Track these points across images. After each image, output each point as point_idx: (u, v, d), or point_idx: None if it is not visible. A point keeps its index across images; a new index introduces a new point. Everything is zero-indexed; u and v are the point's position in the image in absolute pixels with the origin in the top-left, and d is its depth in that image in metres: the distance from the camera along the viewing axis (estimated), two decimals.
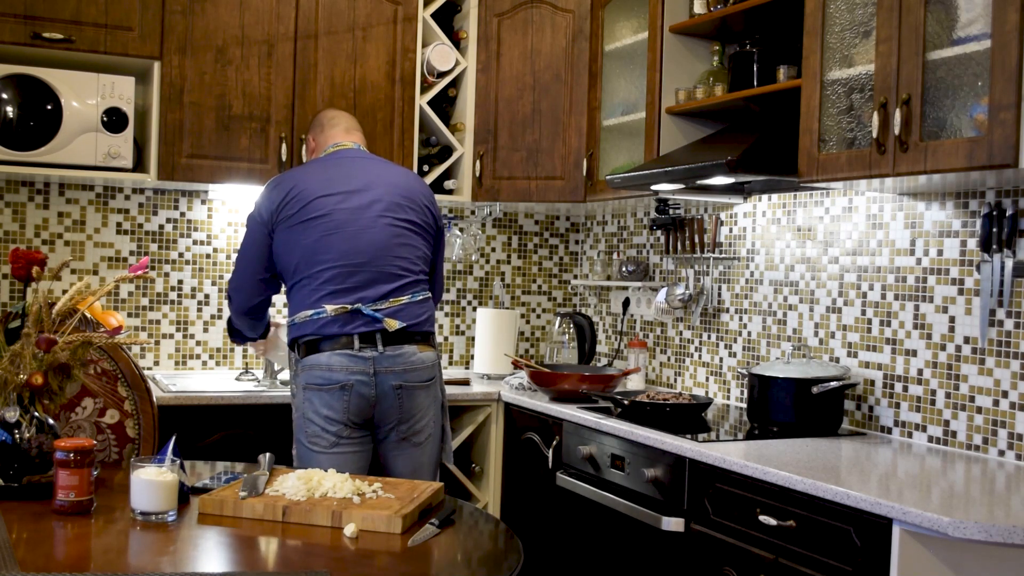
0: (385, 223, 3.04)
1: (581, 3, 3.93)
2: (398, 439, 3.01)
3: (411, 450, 3.03)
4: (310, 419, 2.94)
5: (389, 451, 3.02)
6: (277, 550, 1.93)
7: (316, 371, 2.93)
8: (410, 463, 3.03)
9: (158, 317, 3.97)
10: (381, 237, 3.01)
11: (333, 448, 2.93)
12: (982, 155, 2.30)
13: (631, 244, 4.24)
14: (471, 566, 1.98)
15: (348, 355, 2.92)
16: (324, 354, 2.93)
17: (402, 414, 2.98)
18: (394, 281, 3.00)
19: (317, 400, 2.93)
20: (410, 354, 2.98)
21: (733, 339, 3.65)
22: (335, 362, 2.91)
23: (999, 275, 2.65)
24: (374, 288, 2.97)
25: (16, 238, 3.78)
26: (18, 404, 2.16)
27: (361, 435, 2.99)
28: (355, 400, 2.92)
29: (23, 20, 3.39)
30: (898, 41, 2.52)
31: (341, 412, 2.92)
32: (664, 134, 3.48)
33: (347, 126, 3.29)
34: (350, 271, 2.96)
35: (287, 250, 3.01)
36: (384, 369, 2.93)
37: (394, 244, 3.03)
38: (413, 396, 2.99)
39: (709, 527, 2.67)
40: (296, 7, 3.75)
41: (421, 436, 3.04)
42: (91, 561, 1.85)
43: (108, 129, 3.45)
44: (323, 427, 2.93)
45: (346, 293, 2.95)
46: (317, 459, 2.91)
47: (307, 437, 2.95)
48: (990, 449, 2.72)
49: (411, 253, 3.06)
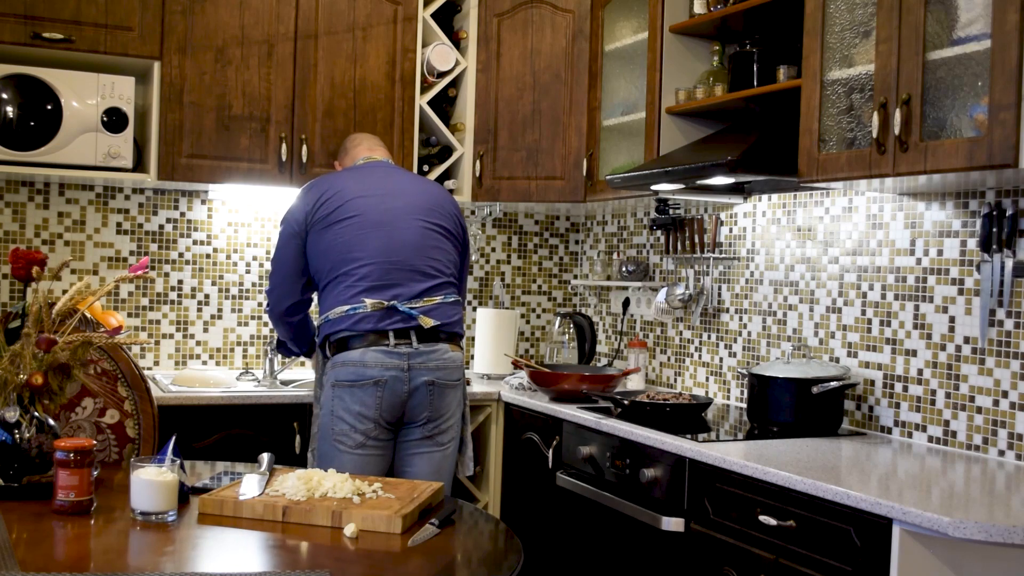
0: (419, 224, 3.08)
1: (581, 3, 3.93)
2: (422, 436, 3.02)
3: (434, 451, 3.04)
4: (340, 417, 2.95)
5: (410, 452, 3.03)
6: (277, 550, 1.93)
7: (349, 367, 2.95)
8: (430, 466, 3.03)
9: (158, 317, 3.97)
10: (415, 237, 3.05)
11: (358, 449, 2.94)
12: (982, 155, 2.30)
13: (631, 244, 4.24)
14: (471, 566, 1.98)
15: (383, 351, 2.94)
16: (357, 351, 2.95)
17: (432, 411, 3.00)
18: (428, 280, 3.03)
19: (349, 397, 2.94)
20: (443, 352, 3.02)
21: (733, 339, 3.65)
22: (369, 358, 2.93)
23: (999, 275, 2.65)
24: (409, 286, 3.00)
25: (16, 238, 3.78)
26: (18, 404, 2.16)
27: (387, 437, 3.00)
28: (388, 396, 2.94)
29: (23, 20, 3.39)
30: (898, 41, 2.52)
31: (374, 408, 2.94)
32: (664, 134, 3.48)
33: (371, 144, 3.40)
34: (386, 268, 2.99)
35: (322, 249, 3.04)
36: (418, 365, 2.96)
37: (427, 245, 3.07)
38: (444, 394, 3.02)
39: (709, 527, 2.67)
40: (296, 7, 3.75)
41: (446, 437, 3.06)
42: (91, 561, 1.85)
43: (108, 129, 3.46)
44: (353, 425, 2.94)
45: (382, 289, 2.98)
46: (340, 459, 2.91)
47: (333, 435, 2.95)
48: (990, 449, 2.72)
49: (443, 256, 3.11)
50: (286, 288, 3.14)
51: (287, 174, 3.72)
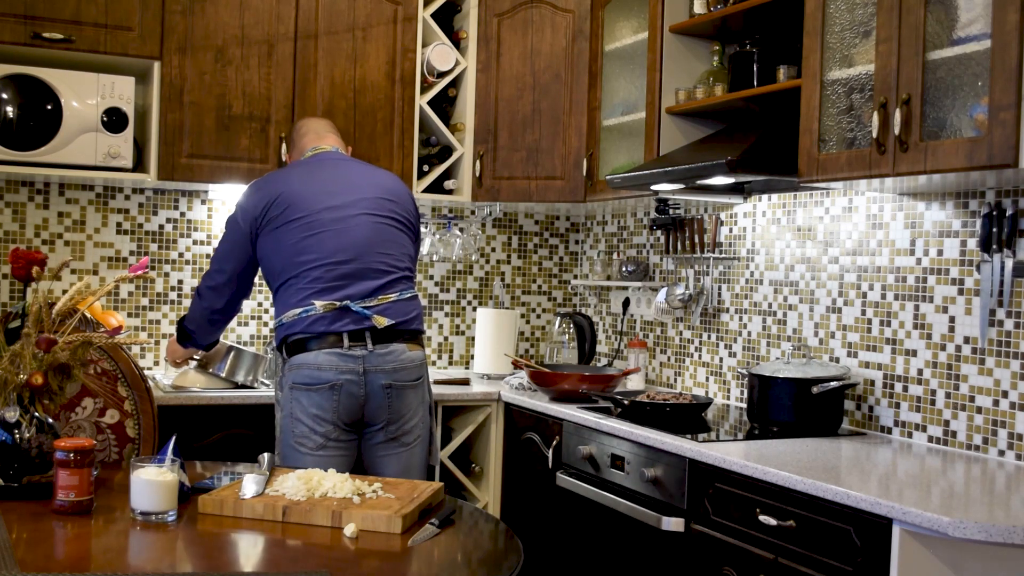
0: (370, 220, 3.03)
1: (581, 3, 3.93)
2: (386, 439, 2.98)
3: (400, 451, 3.01)
4: (298, 419, 2.93)
5: (377, 453, 3.00)
6: (277, 550, 1.93)
7: (304, 370, 2.92)
8: (399, 465, 3.00)
9: (158, 317, 3.97)
10: (366, 234, 3.01)
11: (320, 450, 2.91)
12: (982, 155, 2.30)
13: (631, 244, 4.24)
14: (471, 566, 1.98)
15: (337, 354, 2.91)
16: (312, 353, 2.92)
17: (391, 414, 2.97)
18: (381, 278, 2.99)
19: (305, 400, 2.92)
20: (399, 352, 2.97)
21: (733, 339, 3.65)
22: (324, 361, 2.90)
23: (999, 275, 2.65)
24: (361, 284, 2.96)
25: (16, 238, 3.78)
26: (18, 404, 2.16)
27: (348, 438, 2.97)
28: (344, 400, 2.91)
29: (23, 20, 3.39)
30: (898, 41, 2.52)
31: (331, 412, 2.91)
32: (664, 134, 3.48)
33: (319, 131, 3.29)
34: (336, 268, 2.95)
35: (273, 252, 3.01)
36: (374, 368, 2.92)
37: (379, 240, 3.02)
38: (402, 396, 2.98)
39: (709, 527, 2.67)
40: (296, 7, 3.75)
41: (410, 436, 3.02)
42: (91, 561, 1.85)
43: (108, 129, 3.45)
44: (311, 427, 2.91)
45: (333, 290, 2.94)
46: (303, 460, 2.89)
47: (294, 438, 2.93)
48: (990, 449, 2.72)
49: (396, 250, 3.06)
50: (226, 286, 3.09)
51: None
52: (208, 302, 3.14)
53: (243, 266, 3.08)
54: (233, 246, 3.08)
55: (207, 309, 3.15)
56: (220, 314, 3.16)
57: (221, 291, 3.12)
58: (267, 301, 4.10)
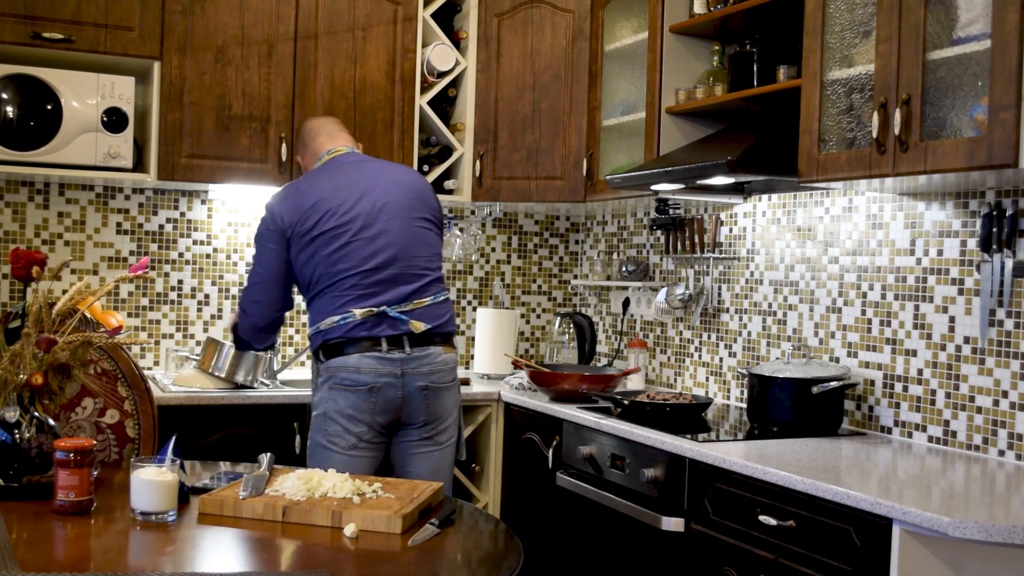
0: (399, 225, 3.04)
1: (581, 3, 3.93)
2: (420, 439, 3.02)
3: (433, 451, 3.04)
4: (332, 418, 2.95)
5: (409, 451, 3.03)
6: (277, 550, 1.93)
7: (343, 372, 2.94)
8: (430, 465, 3.03)
9: (158, 317, 3.97)
10: (397, 239, 3.02)
11: (351, 450, 2.94)
12: (982, 155, 2.30)
13: (631, 244, 4.24)
14: (471, 566, 1.98)
15: (377, 357, 2.93)
16: (352, 356, 2.94)
17: (428, 415, 3.00)
18: (415, 282, 3.01)
19: (343, 400, 2.94)
20: (436, 355, 3.00)
21: (733, 339, 3.65)
22: (363, 364, 2.93)
23: (999, 275, 2.65)
24: (396, 290, 2.98)
25: (16, 238, 3.78)
26: (18, 404, 2.16)
27: (380, 440, 3.00)
28: (382, 402, 2.94)
29: (23, 20, 3.39)
30: (898, 41, 2.52)
31: (367, 413, 2.94)
32: (664, 134, 3.48)
33: (330, 131, 3.27)
34: (371, 276, 2.97)
35: (307, 263, 3.02)
36: (412, 370, 2.95)
37: (410, 244, 3.04)
38: (439, 397, 3.02)
39: (709, 527, 2.67)
40: (296, 7, 3.75)
41: (444, 436, 3.06)
42: (91, 561, 1.85)
43: (108, 129, 3.45)
44: (345, 427, 2.94)
45: (370, 297, 2.96)
46: (332, 459, 2.91)
47: (326, 436, 2.95)
48: (990, 449, 2.72)
49: (427, 251, 3.08)
50: (270, 302, 3.11)
51: (287, 174, 3.72)
52: (253, 319, 3.16)
53: (280, 280, 3.09)
54: (267, 262, 3.09)
55: (253, 326, 3.17)
56: (268, 327, 3.18)
57: (263, 306, 3.14)
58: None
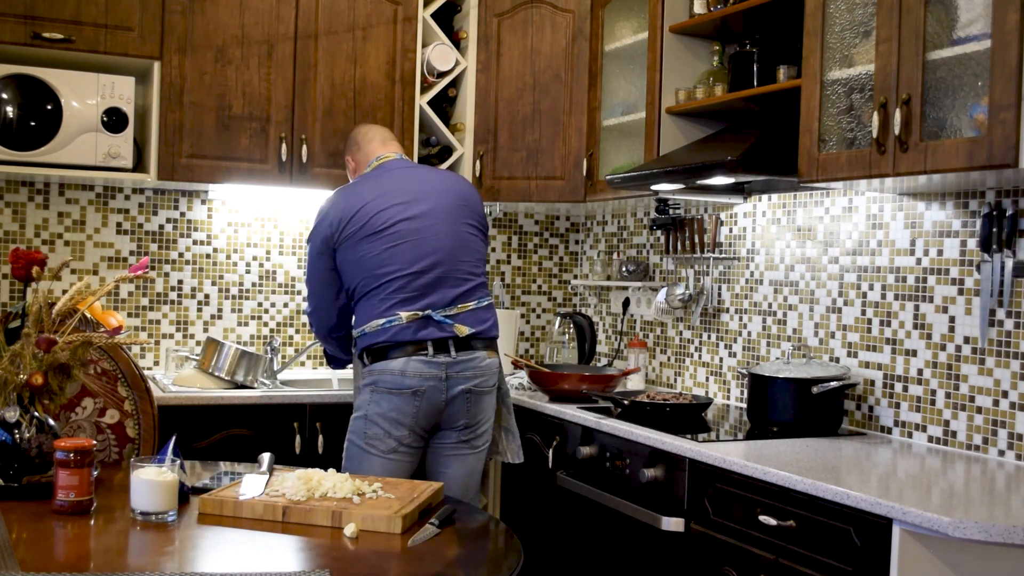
0: (446, 229, 3.06)
1: (581, 3, 3.93)
2: (458, 441, 3.03)
3: (468, 454, 3.06)
4: (374, 421, 2.95)
5: (444, 453, 3.04)
6: (277, 550, 1.93)
7: (388, 375, 2.95)
8: (465, 468, 3.05)
9: (158, 317, 3.97)
10: (444, 244, 3.03)
11: (391, 453, 2.95)
12: (982, 155, 2.30)
13: (631, 244, 4.24)
14: (471, 566, 1.98)
15: (422, 361, 2.94)
16: (397, 360, 2.94)
17: (468, 419, 3.02)
18: (460, 286, 3.03)
19: (386, 404, 2.94)
20: (480, 360, 3.01)
21: (733, 339, 3.65)
22: (409, 368, 2.93)
23: (999, 275, 2.65)
24: (441, 294, 2.99)
25: (16, 238, 3.78)
26: (18, 404, 2.16)
27: (419, 444, 3.01)
28: (425, 405, 2.95)
29: (23, 20, 3.39)
30: (898, 41, 2.52)
31: (410, 416, 2.94)
32: (664, 134, 3.48)
33: (383, 138, 3.32)
34: (417, 279, 2.98)
35: (352, 266, 3.03)
36: (456, 374, 2.97)
37: (456, 248, 3.05)
38: (480, 401, 3.03)
39: (709, 527, 2.67)
40: (296, 7, 3.75)
41: (480, 440, 3.07)
42: (91, 561, 1.85)
43: (108, 129, 3.45)
44: (387, 430, 2.94)
45: (415, 300, 2.97)
46: (371, 461, 2.92)
47: (366, 438, 2.95)
48: (990, 449, 2.72)
49: (472, 256, 3.10)
50: (326, 308, 3.15)
51: (287, 174, 3.72)
52: (317, 325, 3.21)
53: (336, 284, 3.11)
54: (318, 268, 3.12)
55: (323, 333, 3.21)
56: (338, 329, 3.20)
57: (325, 311, 3.16)
58: (267, 301, 4.10)
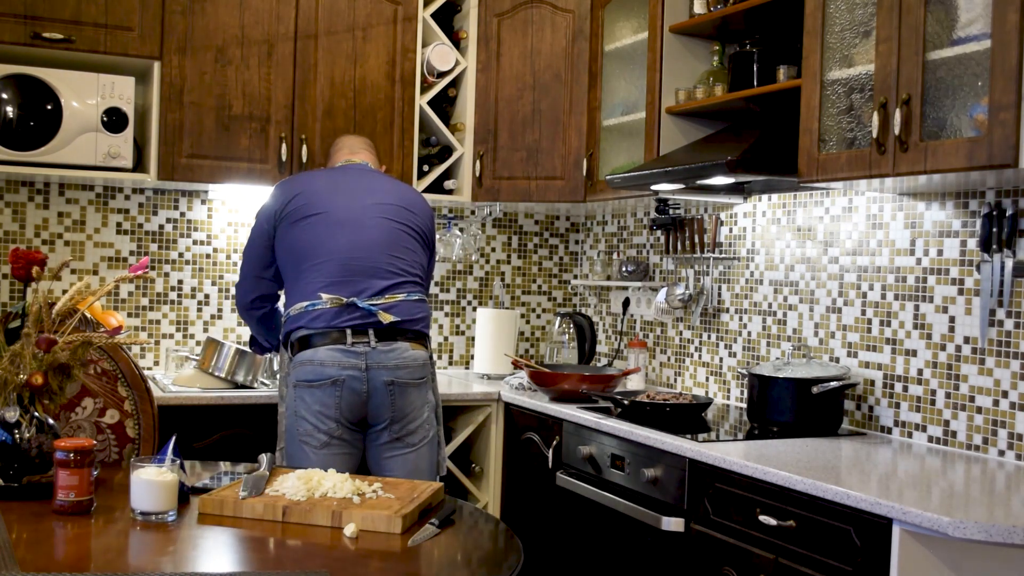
0: (387, 224, 3.09)
1: (581, 3, 3.93)
2: (391, 439, 3.00)
3: (407, 453, 3.01)
4: (302, 416, 2.95)
5: (383, 454, 3.01)
6: (277, 550, 1.93)
7: (307, 367, 2.94)
8: (405, 467, 3.00)
9: (158, 317, 3.97)
10: (382, 236, 3.06)
11: (324, 448, 2.93)
12: (982, 155, 2.30)
13: (631, 244, 4.24)
14: (471, 566, 1.98)
15: (340, 350, 2.93)
16: (315, 349, 2.94)
17: (395, 412, 2.98)
18: (391, 278, 3.03)
19: (309, 397, 2.94)
20: (402, 350, 2.99)
21: (733, 339, 3.65)
22: (327, 357, 2.93)
23: (999, 275, 2.65)
24: (371, 283, 3.00)
25: (16, 238, 3.78)
26: (18, 404, 2.16)
27: (352, 437, 2.98)
28: (347, 396, 2.93)
29: (23, 20, 3.39)
30: (898, 41, 2.52)
31: (334, 408, 2.93)
32: (664, 134, 3.48)
33: (352, 147, 3.41)
34: (349, 265, 3.00)
35: (289, 245, 3.07)
36: (376, 364, 2.94)
37: (394, 243, 3.08)
38: (405, 393, 2.99)
39: (709, 527, 2.67)
40: (296, 7, 3.75)
41: (415, 437, 3.03)
42: (91, 561, 1.85)
43: (108, 129, 3.45)
44: (316, 424, 2.93)
45: (343, 286, 2.98)
46: (308, 458, 2.90)
47: (298, 435, 2.95)
48: (990, 449, 2.72)
49: (409, 256, 3.11)
50: (250, 280, 3.21)
51: (287, 174, 3.72)
52: (242, 297, 3.25)
53: (264, 260, 3.16)
54: (256, 242, 3.17)
55: (243, 304, 3.25)
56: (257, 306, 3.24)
57: (249, 283, 3.22)
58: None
